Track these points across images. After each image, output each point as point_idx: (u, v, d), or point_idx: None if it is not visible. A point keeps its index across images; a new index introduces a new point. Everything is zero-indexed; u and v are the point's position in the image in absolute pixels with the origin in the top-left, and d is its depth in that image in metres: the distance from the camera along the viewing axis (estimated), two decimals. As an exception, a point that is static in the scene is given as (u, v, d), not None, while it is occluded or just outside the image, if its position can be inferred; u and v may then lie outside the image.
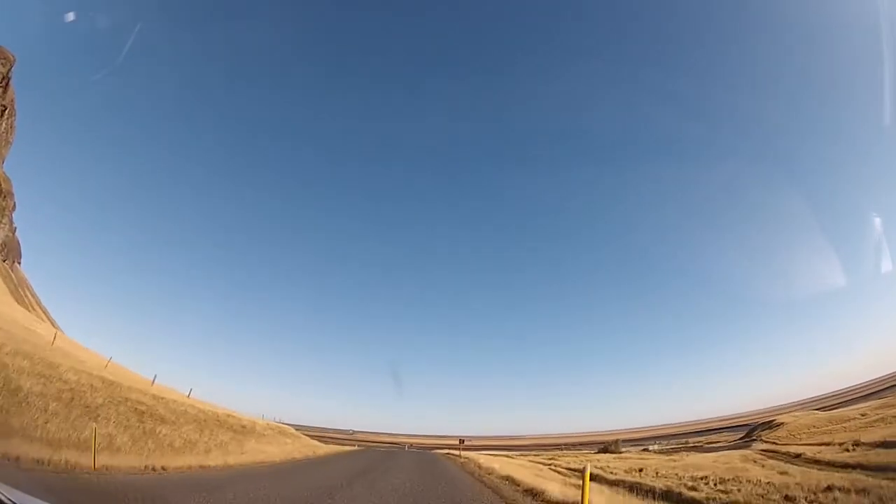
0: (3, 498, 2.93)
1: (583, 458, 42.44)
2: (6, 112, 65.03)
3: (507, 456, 45.23)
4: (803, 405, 78.43)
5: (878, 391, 62.65)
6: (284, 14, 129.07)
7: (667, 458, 39.14)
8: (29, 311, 58.69)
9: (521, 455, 54.68)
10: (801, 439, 42.65)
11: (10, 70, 58.88)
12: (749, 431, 60.88)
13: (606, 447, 58.19)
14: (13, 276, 64.49)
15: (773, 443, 44.80)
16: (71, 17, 60.24)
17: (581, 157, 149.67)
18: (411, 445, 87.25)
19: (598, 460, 39.76)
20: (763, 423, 60.33)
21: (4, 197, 64.20)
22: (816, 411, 59.08)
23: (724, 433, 76.16)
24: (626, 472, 26.77)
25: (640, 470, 27.76)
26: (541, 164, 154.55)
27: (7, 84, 62.03)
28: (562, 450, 77.93)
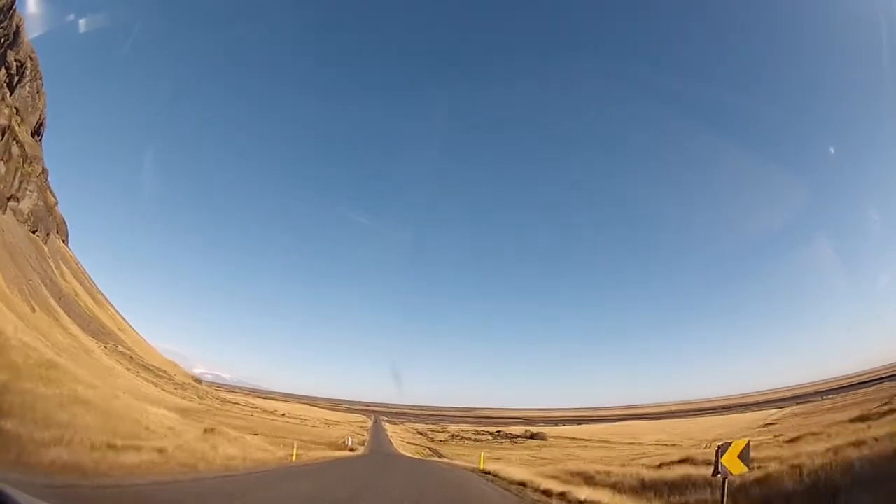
0: (4, 499, 2.78)
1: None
2: (26, 71, 59.99)
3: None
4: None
5: None
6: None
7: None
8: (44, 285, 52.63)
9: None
10: None
11: (12, 3, 52.78)
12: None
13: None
14: (45, 248, 59.86)
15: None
16: (71, 16, 56.36)
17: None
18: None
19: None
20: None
21: (31, 162, 59.38)
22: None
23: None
24: None
25: None
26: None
27: (18, 35, 56.55)
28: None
